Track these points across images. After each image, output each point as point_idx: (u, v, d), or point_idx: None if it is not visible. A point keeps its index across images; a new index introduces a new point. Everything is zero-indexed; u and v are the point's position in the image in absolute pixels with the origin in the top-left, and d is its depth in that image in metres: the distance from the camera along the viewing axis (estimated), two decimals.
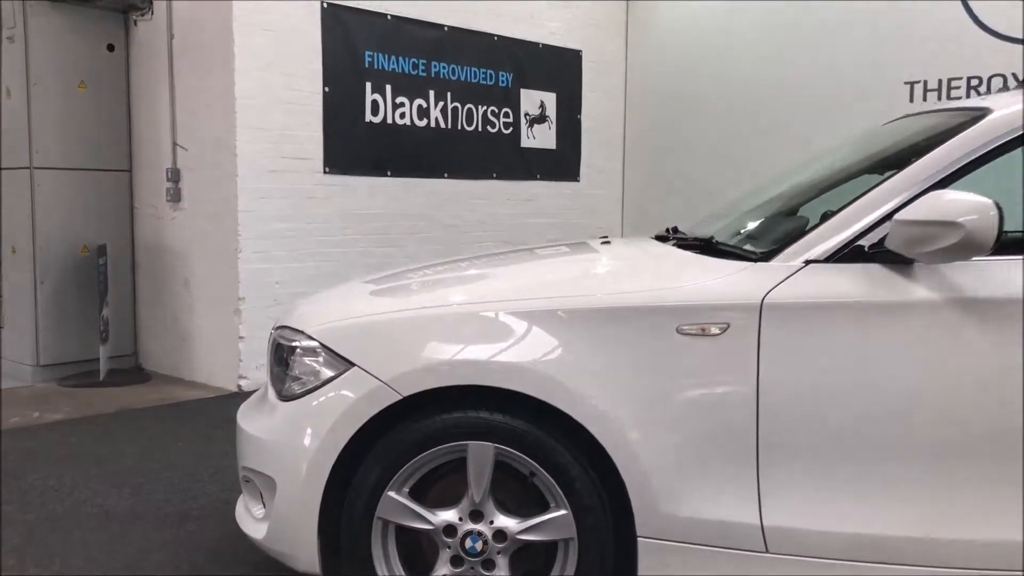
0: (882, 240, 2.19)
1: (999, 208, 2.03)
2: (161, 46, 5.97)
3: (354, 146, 6.19)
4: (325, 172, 6.03)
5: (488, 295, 2.55)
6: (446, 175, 6.80)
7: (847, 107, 6.72)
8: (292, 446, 2.39)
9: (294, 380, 2.49)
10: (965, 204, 2.04)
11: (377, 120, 6.31)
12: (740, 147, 7.41)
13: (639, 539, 2.25)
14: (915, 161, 2.26)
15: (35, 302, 5.96)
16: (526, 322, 2.33)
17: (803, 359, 2.18)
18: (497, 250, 6.98)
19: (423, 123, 6.59)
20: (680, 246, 2.80)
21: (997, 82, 6.10)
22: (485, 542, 2.30)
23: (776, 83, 7.20)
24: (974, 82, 6.21)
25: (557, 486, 2.26)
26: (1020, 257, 2.17)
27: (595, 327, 2.28)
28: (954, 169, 2.21)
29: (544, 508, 2.30)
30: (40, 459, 4.24)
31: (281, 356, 2.58)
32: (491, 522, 2.31)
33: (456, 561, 2.33)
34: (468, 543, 2.31)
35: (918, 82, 6.44)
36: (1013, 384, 2.12)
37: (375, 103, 6.28)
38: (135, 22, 6.15)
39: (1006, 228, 2.20)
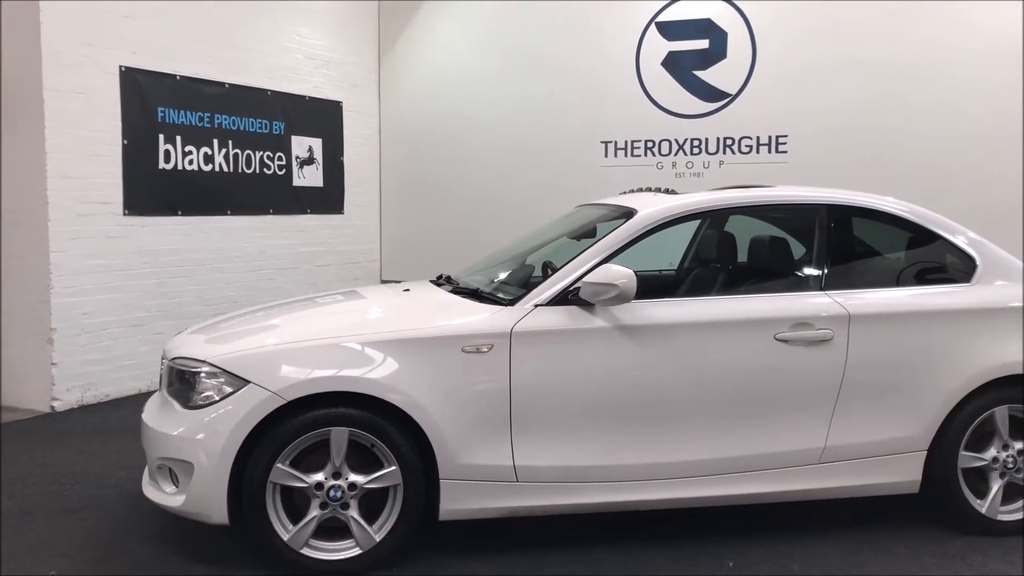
0: (578, 291, 3.73)
1: (636, 275, 3.64)
2: None
3: (150, 190, 7.03)
4: (125, 214, 6.83)
5: (328, 332, 3.76)
6: (229, 212, 7.78)
7: (561, 155, 8.56)
8: (206, 440, 3.50)
9: (199, 395, 3.61)
10: (619, 273, 3.64)
11: (169, 167, 7.18)
12: (477, 184, 9.02)
13: (441, 480, 3.63)
14: (595, 243, 3.86)
15: None
16: (361, 347, 3.63)
17: (536, 364, 3.68)
18: (276, 279, 8.06)
19: (209, 168, 7.54)
20: (455, 292, 4.22)
21: (665, 145, 8.15)
22: (343, 491, 3.56)
23: (507, 131, 8.86)
24: (649, 144, 8.23)
25: (389, 451, 3.57)
26: (648, 300, 3.82)
27: (409, 349, 3.62)
28: (615, 249, 3.84)
29: (381, 466, 3.60)
30: None
31: (184, 379, 3.69)
32: (347, 478, 3.57)
33: (323, 506, 3.57)
34: (332, 493, 3.55)
35: (611, 141, 8.38)
36: (645, 374, 3.75)
37: (167, 152, 7.16)
38: None
39: (662, 268, 3.90)
